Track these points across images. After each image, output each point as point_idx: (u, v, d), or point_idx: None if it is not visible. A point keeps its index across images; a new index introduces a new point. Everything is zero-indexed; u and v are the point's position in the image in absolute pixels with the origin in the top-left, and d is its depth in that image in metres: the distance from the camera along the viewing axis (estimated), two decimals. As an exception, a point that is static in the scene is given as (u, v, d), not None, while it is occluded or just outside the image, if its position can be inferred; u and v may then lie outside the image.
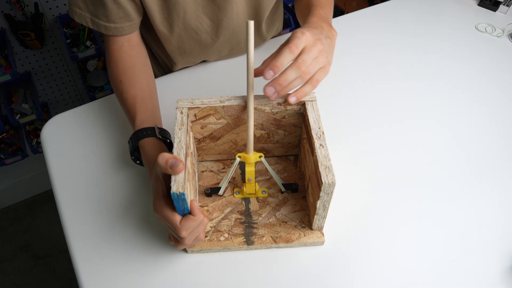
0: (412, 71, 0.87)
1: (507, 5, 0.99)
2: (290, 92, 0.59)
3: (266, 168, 0.69)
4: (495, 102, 0.81)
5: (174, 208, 0.51)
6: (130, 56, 0.73)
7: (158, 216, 0.54)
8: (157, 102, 0.73)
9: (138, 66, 0.72)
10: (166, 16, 0.73)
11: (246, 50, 0.53)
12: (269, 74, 0.54)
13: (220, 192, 0.65)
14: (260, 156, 0.61)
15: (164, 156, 0.50)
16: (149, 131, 0.63)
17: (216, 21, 0.77)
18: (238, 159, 0.62)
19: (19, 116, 1.42)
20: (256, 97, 0.60)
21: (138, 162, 0.67)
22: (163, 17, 0.73)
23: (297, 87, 0.59)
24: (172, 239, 0.57)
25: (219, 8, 0.74)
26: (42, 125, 1.34)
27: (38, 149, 1.52)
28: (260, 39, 0.91)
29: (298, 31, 0.57)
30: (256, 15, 0.81)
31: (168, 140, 0.64)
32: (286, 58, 0.55)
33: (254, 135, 0.66)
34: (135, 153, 0.66)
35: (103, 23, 0.70)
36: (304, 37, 0.57)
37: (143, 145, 0.63)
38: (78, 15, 0.70)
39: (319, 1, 0.74)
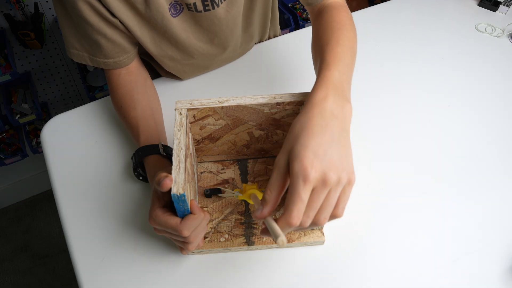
0: (412, 71, 0.87)
1: (507, 5, 0.99)
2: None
3: (265, 168, 0.69)
4: (495, 102, 0.80)
5: (171, 215, 0.52)
6: (128, 81, 0.74)
7: (155, 227, 0.53)
8: (160, 120, 0.73)
9: (137, 89, 0.73)
10: (159, 45, 0.74)
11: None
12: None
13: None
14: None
15: (158, 175, 0.50)
16: (152, 149, 0.64)
17: (209, 42, 0.77)
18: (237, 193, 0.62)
19: (19, 116, 1.42)
20: (254, 98, 0.60)
21: (141, 178, 0.68)
22: (155, 46, 0.74)
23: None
24: (177, 245, 0.57)
25: (209, 30, 0.74)
26: (42, 125, 1.34)
27: (38, 149, 1.52)
28: (252, 40, 0.90)
29: (300, 176, 0.43)
30: (248, 18, 0.81)
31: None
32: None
33: (253, 136, 0.66)
34: (138, 169, 0.67)
35: (102, 60, 0.71)
36: (306, 189, 0.43)
37: (148, 163, 0.64)
38: (76, 55, 0.72)
39: (332, 51, 0.57)
